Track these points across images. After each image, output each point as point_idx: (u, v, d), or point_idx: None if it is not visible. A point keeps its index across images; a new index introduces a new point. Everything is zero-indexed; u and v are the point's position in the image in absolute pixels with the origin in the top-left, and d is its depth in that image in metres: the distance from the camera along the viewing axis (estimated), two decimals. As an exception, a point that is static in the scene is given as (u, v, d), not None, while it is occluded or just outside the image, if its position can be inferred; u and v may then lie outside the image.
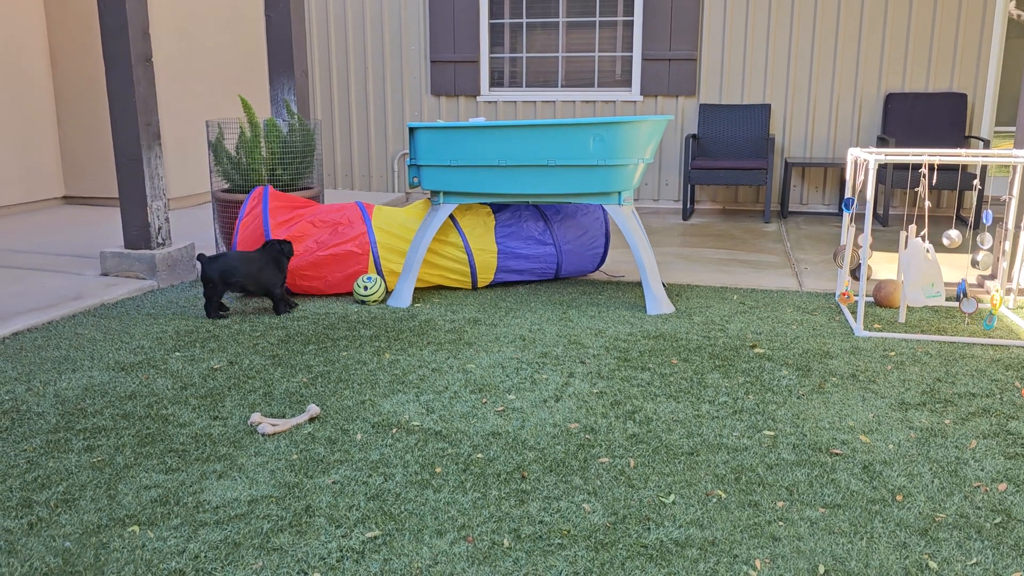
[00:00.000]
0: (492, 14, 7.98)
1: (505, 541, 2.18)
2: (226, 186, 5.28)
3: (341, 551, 2.13)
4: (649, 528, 2.24)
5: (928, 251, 3.82)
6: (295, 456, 2.66)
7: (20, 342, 3.79)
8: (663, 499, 2.39)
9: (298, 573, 2.04)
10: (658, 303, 4.30)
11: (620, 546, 2.15)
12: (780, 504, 2.36)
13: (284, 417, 2.97)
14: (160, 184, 4.86)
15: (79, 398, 3.14)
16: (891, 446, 2.74)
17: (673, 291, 4.74)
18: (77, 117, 7.11)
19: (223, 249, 5.18)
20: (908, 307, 4.42)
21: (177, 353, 3.66)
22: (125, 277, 4.84)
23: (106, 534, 2.21)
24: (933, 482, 2.50)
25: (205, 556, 2.11)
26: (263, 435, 2.80)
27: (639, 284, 4.93)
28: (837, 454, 2.68)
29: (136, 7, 4.60)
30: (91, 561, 2.09)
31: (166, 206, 4.90)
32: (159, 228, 4.87)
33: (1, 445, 2.73)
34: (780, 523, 2.27)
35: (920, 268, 3.81)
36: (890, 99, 7.19)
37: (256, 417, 2.88)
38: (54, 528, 2.24)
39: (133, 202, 4.80)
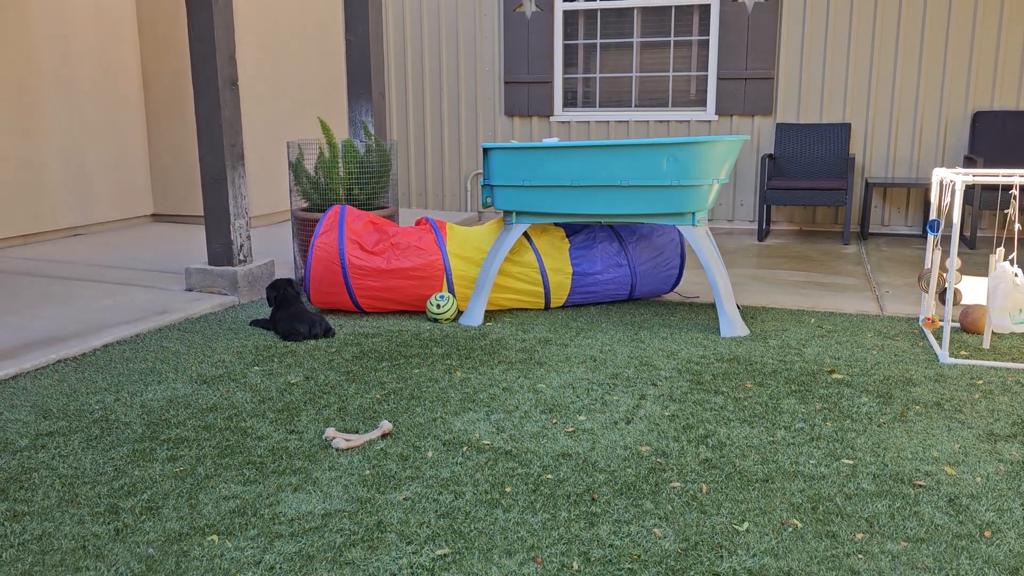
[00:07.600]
0: (566, 35, 8.03)
1: (574, 564, 2.16)
2: (305, 205, 5.42)
3: (411, 568, 2.15)
4: (722, 556, 2.20)
5: (1016, 275, 3.67)
6: (368, 472, 2.70)
7: (110, 354, 3.95)
8: (736, 526, 2.35)
9: (369, 588, 2.06)
10: (732, 325, 4.23)
11: (691, 573, 2.12)
12: (859, 536, 2.29)
13: (358, 432, 3.02)
14: (243, 203, 5.02)
15: (163, 409, 3.26)
16: (979, 479, 2.63)
17: (748, 313, 4.66)
18: (166, 138, 7.42)
19: (299, 265, 5.32)
20: (995, 333, 4.24)
21: (256, 367, 3.76)
22: (208, 292, 5.00)
23: (187, 542, 2.28)
24: (1024, 518, 2.38)
25: (280, 567, 2.15)
26: (337, 450, 2.86)
27: (713, 306, 4.85)
28: (921, 486, 2.59)
29: (224, 34, 4.79)
30: (172, 568, 2.16)
31: (248, 224, 5.06)
32: (241, 245, 5.03)
33: (91, 453, 2.85)
34: (859, 555, 2.19)
35: (1007, 293, 3.66)
36: (978, 117, 6.94)
37: (331, 432, 2.93)
38: (139, 535, 2.32)
39: (217, 220, 4.97)
